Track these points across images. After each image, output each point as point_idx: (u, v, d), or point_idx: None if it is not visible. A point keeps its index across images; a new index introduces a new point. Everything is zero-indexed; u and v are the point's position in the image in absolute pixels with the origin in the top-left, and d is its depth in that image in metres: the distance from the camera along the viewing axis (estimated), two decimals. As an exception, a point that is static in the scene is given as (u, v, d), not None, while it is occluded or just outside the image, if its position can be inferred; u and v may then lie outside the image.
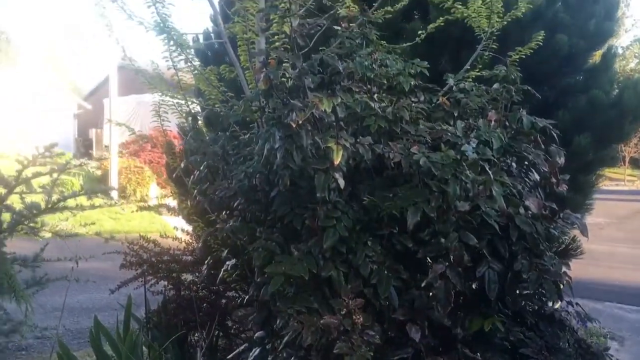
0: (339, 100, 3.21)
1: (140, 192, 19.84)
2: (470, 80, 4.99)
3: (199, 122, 5.23)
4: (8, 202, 3.26)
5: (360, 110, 3.41)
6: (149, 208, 5.98)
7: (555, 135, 3.63)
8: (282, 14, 3.42)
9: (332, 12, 5.07)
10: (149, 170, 20.30)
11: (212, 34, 6.30)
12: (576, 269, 3.96)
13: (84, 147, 34.33)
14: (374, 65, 3.81)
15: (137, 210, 5.37)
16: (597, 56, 6.17)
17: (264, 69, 3.33)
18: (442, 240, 3.25)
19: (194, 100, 5.56)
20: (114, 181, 18.38)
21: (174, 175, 4.76)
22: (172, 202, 6.86)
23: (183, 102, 5.18)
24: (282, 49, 4.08)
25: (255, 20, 4.78)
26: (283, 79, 3.55)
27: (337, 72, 3.50)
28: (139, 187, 19.86)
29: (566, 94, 5.82)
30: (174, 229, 6.18)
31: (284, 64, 3.46)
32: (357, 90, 3.57)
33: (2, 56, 47.68)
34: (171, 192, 6.96)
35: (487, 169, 3.16)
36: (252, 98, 3.50)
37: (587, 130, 5.62)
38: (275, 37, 4.32)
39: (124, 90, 22.48)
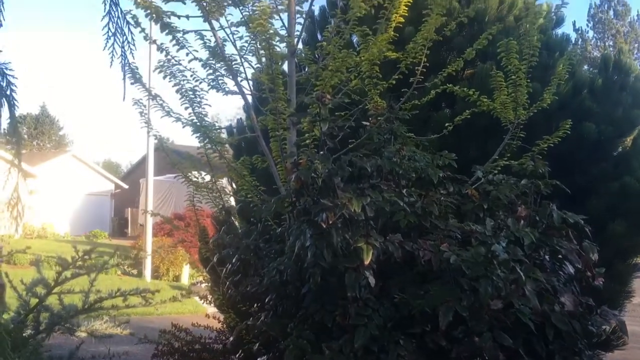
0: (368, 199, 3.28)
1: (173, 271, 19.96)
2: (499, 169, 5.04)
3: (232, 214, 5.35)
4: (47, 302, 3.36)
5: (388, 209, 3.46)
6: (182, 296, 6.03)
7: (587, 230, 3.61)
8: (312, 119, 3.56)
9: (360, 106, 5.26)
10: (182, 249, 20.50)
11: (245, 126, 6.54)
12: (620, 355, 3.81)
13: (120, 226, 34.99)
14: (402, 162, 3.91)
15: (170, 300, 5.42)
16: (627, 141, 6.17)
17: (295, 169, 3.44)
18: (476, 339, 3.20)
19: (227, 190, 5.72)
20: (148, 262, 18.58)
21: (207, 267, 4.83)
22: (204, 284, 6.90)
23: (217, 193, 5.33)
24: (312, 145, 4.22)
25: (286, 115, 4.97)
26: (313, 175, 3.66)
27: (365, 171, 3.59)
28: (172, 267, 19.99)
29: (597, 180, 5.80)
30: (205, 316, 6.19)
31: (314, 162, 3.57)
32: (385, 187, 3.64)
33: (48, 139, 49.72)
34: (203, 278, 7.01)
35: (519, 269, 3.14)
36: (284, 197, 3.59)
37: (620, 216, 5.55)
38: (306, 134, 4.47)
39: (160, 170, 23.14)
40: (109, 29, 2.83)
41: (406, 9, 5.53)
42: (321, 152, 3.68)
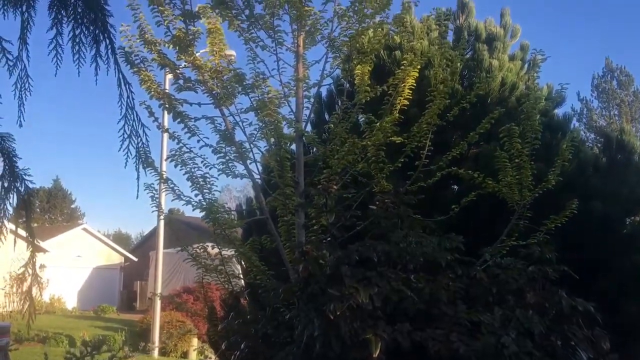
0: (376, 289, 3.30)
1: (181, 347, 19.60)
2: (507, 249, 5.05)
3: (241, 300, 5.34)
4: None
5: (396, 297, 3.47)
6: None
7: (598, 317, 3.58)
8: (319, 210, 3.63)
9: (367, 188, 5.34)
10: (191, 324, 20.21)
11: (254, 208, 6.62)
12: None
13: (128, 299, 34.67)
14: (409, 247, 3.94)
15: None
16: (636, 219, 6.18)
17: (303, 258, 3.48)
18: None
19: (236, 272, 5.74)
20: (156, 338, 18.29)
21: (217, 353, 4.79)
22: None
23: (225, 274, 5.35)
24: (320, 230, 4.27)
25: (294, 205, 5.06)
26: (321, 262, 3.69)
27: (372, 261, 3.62)
28: (180, 343, 19.64)
29: (607, 259, 5.77)
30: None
31: (322, 252, 3.61)
32: (392, 275, 3.66)
33: (59, 212, 50.18)
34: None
35: (529, 361, 3.11)
36: (292, 286, 3.61)
37: (633, 295, 5.49)
38: (313, 220, 4.53)
39: (170, 242, 23.15)
40: (124, 131, 2.96)
41: (410, 92, 5.71)
42: (328, 239, 3.72)
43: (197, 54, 5.15)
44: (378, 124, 5.44)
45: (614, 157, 5.88)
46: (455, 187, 7.22)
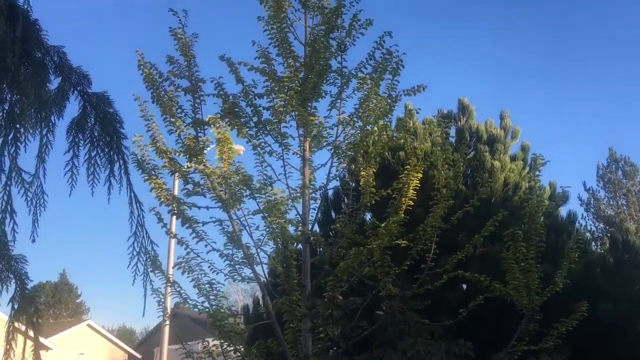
0: (383, 404, 3.23)
1: None
2: (519, 354, 4.95)
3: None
4: None
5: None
6: None
7: None
8: (324, 321, 3.63)
9: (373, 292, 5.33)
10: None
11: (261, 312, 6.58)
12: None
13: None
14: (417, 356, 3.88)
15: None
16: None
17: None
18: None
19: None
20: None
21: None
22: None
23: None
24: (327, 339, 4.23)
25: (301, 301, 5.04)
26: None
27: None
28: None
29: (622, 358, 5.63)
30: None
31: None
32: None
33: (64, 307, 49.59)
34: None
35: None
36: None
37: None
38: (320, 328, 4.50)
39: (174, 338, 22.62)
40: (133, 248, 3.03)
41: (415, 192, 5.81)
42: (335, 349, 3.69)
43: (207, 161, 5.33)
44: (384, 225, 5.51)
45: (620, 258, 5.88)
46: (464, 285, 7.17)
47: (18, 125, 2.46)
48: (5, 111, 2.48)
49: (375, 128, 5.89)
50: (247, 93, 5.83)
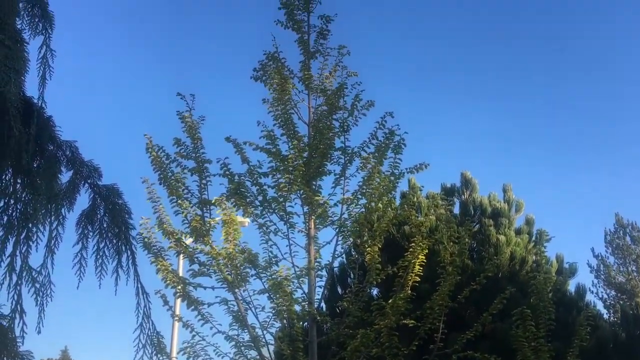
0: None
1: None
2: None
3: None
4: None
5: None
6: None
7: None
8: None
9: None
10: None
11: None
12: None
13: None
14: None
15: None
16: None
17: None
18: None
19: None
20: None
21: None
22: None
23: None
24: None
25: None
26: None
27: None
28: None
29: None
30: None
31: None
32: None
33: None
34: None
35: None
36: None
37: None
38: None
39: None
40: (139, 340, 3.03)
41: (421, 268, 5.79)
42: None
43: (213, 242, 5.36)
44: (390, 301, 5.46)
45: (632, 333, 5.78)
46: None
47: (30, 225, 2.53)
48: (19, 210, 2.55)
49: (380, 205, 5.95)
50: (252, 173, 5.93)
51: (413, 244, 5.66)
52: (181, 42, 36.38)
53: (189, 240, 5.63)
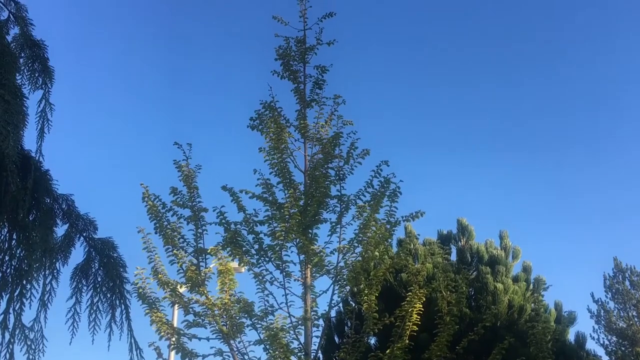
0: None
1: None
2: None
3: None
4: None
5: None
6: None
7: None
8: None
9: None
10: None
11: None
12: None
13: None
14: None
15: None
16: None
17: None
18: None
19: None
20: None
21: None
22: None
23: None
24: None
25: None
26: None
27: None
28: None
29: None
30: None
31: None
32: None
33: None
34: None
35: None
36: None
37: None
38: None
39: None
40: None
41: (418, 317, 5.73)
42: None
43: (208, 292, 5.32)
44: (388, 351, 5.38)
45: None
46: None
47: (25, 282, 2.51)
48: (13, 267, 2.54)
49: (377, 253, 5.93)
50: (249, 221, 5.93)
51: (410, 293, 5.62)
52: (178, 93, 36.85)
53: (183, 289, 5.58)
